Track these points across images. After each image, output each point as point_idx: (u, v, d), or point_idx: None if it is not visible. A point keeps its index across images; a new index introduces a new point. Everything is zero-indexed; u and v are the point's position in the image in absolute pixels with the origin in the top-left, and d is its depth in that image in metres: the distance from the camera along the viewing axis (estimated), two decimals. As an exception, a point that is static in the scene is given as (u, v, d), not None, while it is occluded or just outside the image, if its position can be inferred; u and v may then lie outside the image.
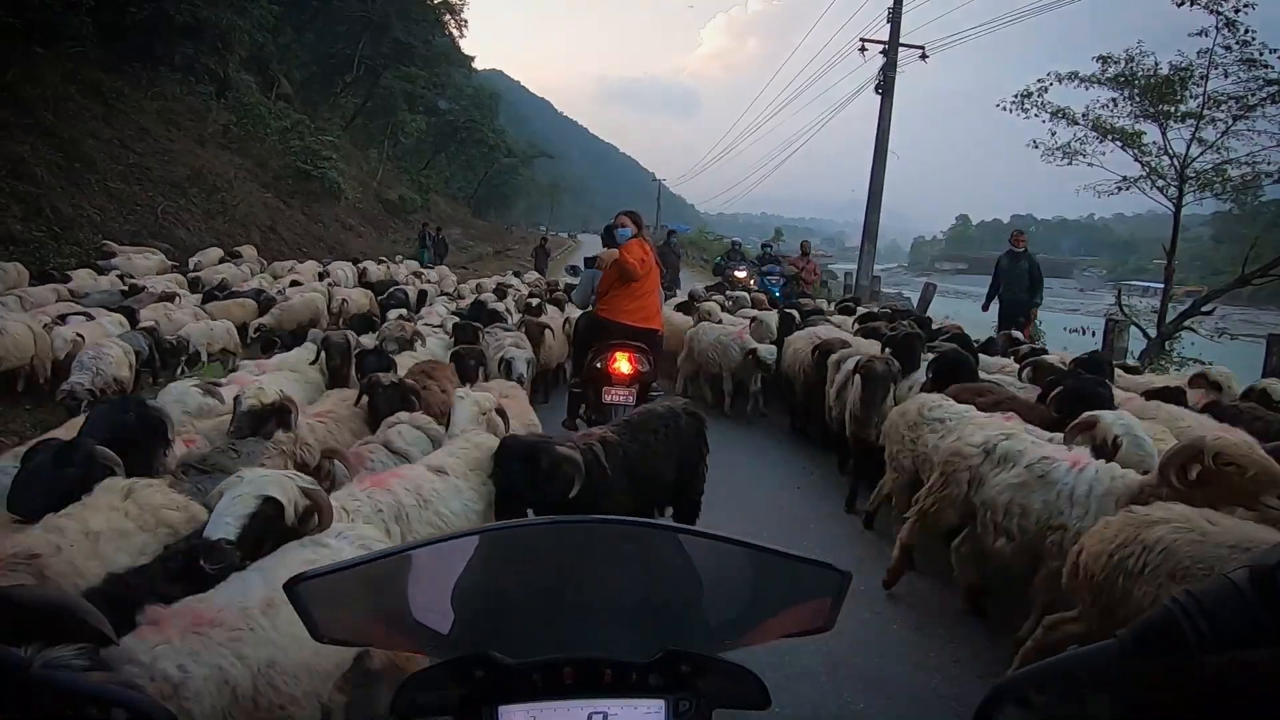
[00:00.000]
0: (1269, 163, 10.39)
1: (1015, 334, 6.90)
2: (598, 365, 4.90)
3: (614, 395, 4.83)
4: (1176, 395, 4.17)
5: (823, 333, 6.15)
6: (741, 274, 13.55)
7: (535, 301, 8.45)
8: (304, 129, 21.48)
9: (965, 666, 2.99)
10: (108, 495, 2.20)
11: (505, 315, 7.57)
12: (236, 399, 3.22)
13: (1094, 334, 10.09)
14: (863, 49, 15.64)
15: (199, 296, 8.40)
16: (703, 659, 0.82)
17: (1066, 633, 2.41)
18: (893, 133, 15.36)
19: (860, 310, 8.40)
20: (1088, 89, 11.09)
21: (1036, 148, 11.80)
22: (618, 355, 4.86)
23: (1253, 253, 10.50)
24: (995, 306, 8.87)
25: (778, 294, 11.57)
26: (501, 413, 3.46)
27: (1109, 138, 11.14)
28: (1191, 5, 9.91)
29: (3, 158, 10.16)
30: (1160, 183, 10.98)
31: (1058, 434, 3.18)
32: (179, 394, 3.74)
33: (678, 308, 8.32)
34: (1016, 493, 2.83)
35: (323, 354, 4.70)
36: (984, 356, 5.55)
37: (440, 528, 2.53)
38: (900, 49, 15.28)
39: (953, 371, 4.39)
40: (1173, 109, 10.49)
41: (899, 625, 3.32)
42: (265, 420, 3.11)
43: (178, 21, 15.23)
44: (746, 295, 9.70)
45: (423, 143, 34.94)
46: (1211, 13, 9.87)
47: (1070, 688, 0.73)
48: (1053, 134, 11.60)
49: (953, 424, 3.54)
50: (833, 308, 9.26)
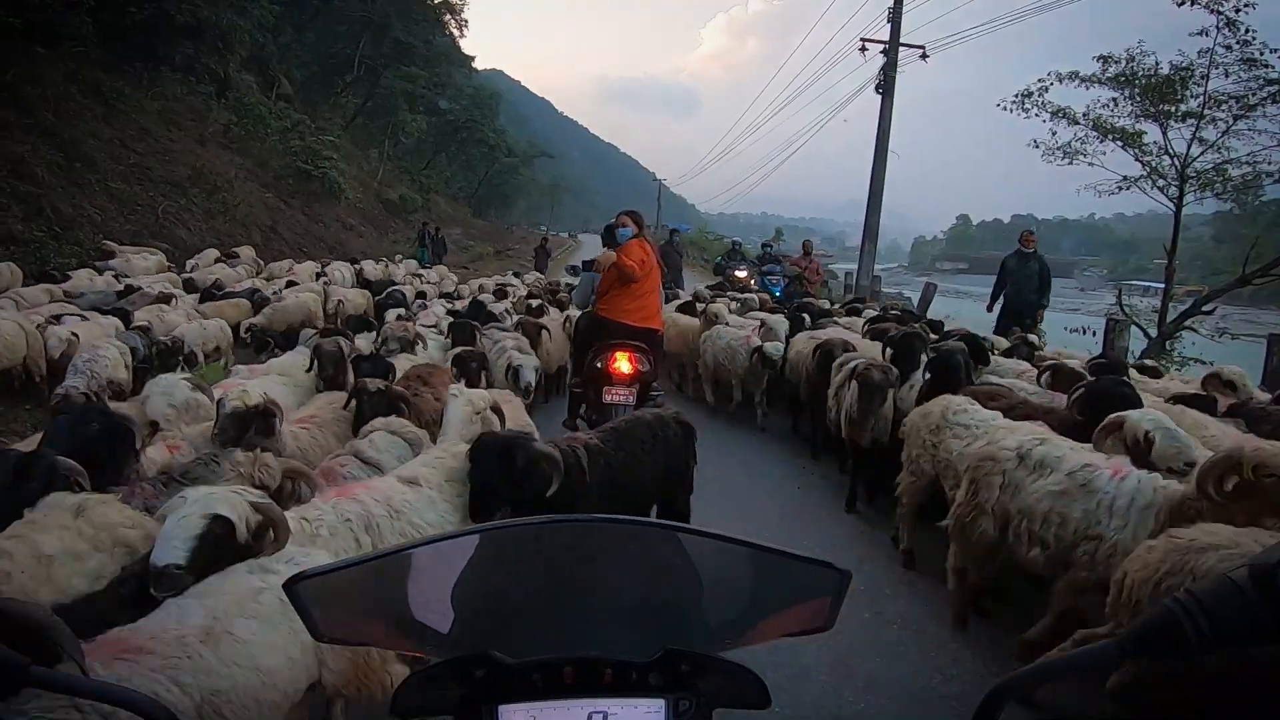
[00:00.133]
0: (1269, 162, 10.39)
1: (1031, 337, 6.65)
2: (598, 365, 4.90)
3: (614, 395, 4.83)
4: (1206, 403, 3.93)
5: (822, 333, 6.09)
6: (742, 274, 13.53)
7: (536, 302, 8.40)
8: (304, 129, 21.52)
9: (965, 666, 2.99)
10: (57, 513, 2.02)
11: (503, 316, 7.52)
12: (220, 401, 3.15)
13: (1094, 334, 10.06)
14: (863, 49, 15.62)
15: (195, 297, 8.34)
16: (703, 658, 0.82)
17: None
18: (893, 132, 15.33)
19: (868, 313, 8.22)
20: (1088, 89, 11.09)
21: (1037, 147, 11.79)
22: (618, 355, 4.86)
23: (1253, 252, 10.48)
24: (996, 307, 8.86)
25: (779, 294, 11.55)
26: (497, 410, 3.38)
27: (1109, 137, 11.12)
28: (1192, 5, 9.90)
29: (3, 158, 10.15)
30: (1161, 182, 10.96)
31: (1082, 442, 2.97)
32: (167, 386, 3.65)
33: (681, 308, 8.21)
34: (1056, 501, 2.69)
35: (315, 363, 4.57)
36: (999, 360, 5.42)
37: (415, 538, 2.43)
38: (900, 49, 15.25)
39: (947, 371, 4.29)
40: (1173, 109, 10.47)
41: (899, 625, 3.33)
42: (249, 423, 3.04)
43: (178, 21, 15.25)
44: (755, 298, 9.59)
45: (423, 143, 34.98)
46: (1212, 12, 9.86)
47: (1071, 686, 0.74)
48: (1053, 134, 11.60)
49: (980, 430, 3.39)
50: (840, 309, 9.18)
